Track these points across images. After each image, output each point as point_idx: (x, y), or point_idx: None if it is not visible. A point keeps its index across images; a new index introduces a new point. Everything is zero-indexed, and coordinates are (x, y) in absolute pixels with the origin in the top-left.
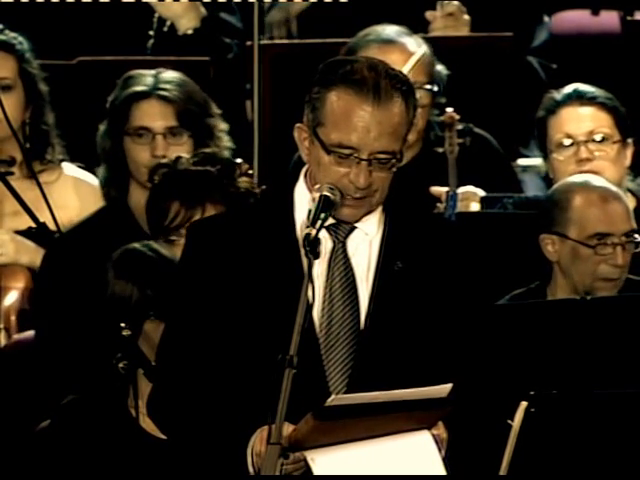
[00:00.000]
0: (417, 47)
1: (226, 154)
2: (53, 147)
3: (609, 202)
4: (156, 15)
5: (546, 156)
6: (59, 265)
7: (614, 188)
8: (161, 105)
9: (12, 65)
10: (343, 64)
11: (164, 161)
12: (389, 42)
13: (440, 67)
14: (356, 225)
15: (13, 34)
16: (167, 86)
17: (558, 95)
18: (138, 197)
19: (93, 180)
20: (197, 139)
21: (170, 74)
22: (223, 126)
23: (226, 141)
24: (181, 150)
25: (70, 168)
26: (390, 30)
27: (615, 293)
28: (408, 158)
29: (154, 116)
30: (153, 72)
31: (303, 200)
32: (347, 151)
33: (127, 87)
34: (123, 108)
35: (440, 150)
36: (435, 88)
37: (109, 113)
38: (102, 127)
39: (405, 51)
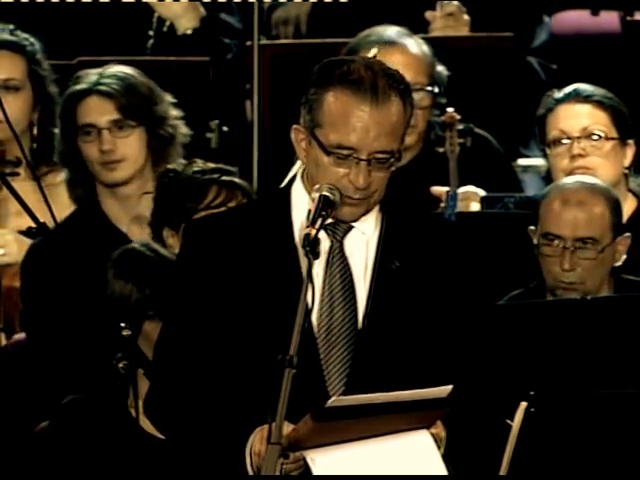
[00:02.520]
0: (418, 48)
1: (183, 140)
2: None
3: (569, 206)
4: (156, 15)
5: (546, 154)
6: (39, 267)
7: (594, 194)
8: (102, 100)
9: (22, 66)
10: (339, 64)
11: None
12: (390, 43)
13: (441, 68)
14: (353, 225)
15: (25, 35)
16: (107, 80)
17: (558, 94)
18: (105, 195)
19: None
20: (149, 129)
21: (114, 69)
22: (176, 113)
23: (183, 128)
24: (131, 142)
25: None
26: (391, 31)
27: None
28: (408, 159)
29: (97, 112)
30: (99, 70)
31: (300, 200)
32: (346, 152)
33: (71, 87)
34: (68, 108)
35: (441, 150)
36: (436, 89)
37: (59, 115)
38: (57, 130)
39: (406, 52)
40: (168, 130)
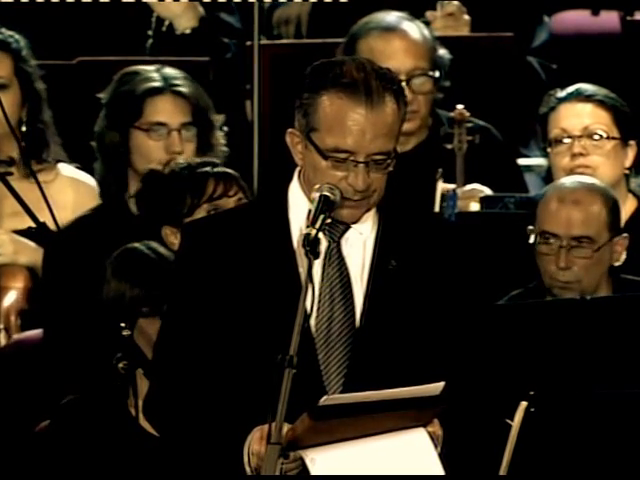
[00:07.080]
0: (418, 33)
1: (221, 154)
2: (49, 146)
3: (565, 204)
4: (154, 15)
5: (546, 153)
6: (59, 262)
7: (591, 193)
8: (177, 101)
9: (7, 64)
10: (331, 67)
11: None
12: (390, 29)
13: (443, 51)
14: (351, 225)
15: (9, 32)
16: (180, 82)
17: (560, 93)
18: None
19: (90, 180)
20: (200, 136)
21: (172, 70)
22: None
23: (222, 141)
24: (189, 147)
25: (67, 168)
26: (391, 17)
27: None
28: (413, 145)
29: (170, 112)
30: (155, 67)
31: (297, 200)
32: (344, 155)
33: (136, 83)
34: (134, 102)
35: (449, 147)
36: (437, 74)
37: (113, 106)
38: (103, 121)
39: (406, 38)
40: (216, 140)
